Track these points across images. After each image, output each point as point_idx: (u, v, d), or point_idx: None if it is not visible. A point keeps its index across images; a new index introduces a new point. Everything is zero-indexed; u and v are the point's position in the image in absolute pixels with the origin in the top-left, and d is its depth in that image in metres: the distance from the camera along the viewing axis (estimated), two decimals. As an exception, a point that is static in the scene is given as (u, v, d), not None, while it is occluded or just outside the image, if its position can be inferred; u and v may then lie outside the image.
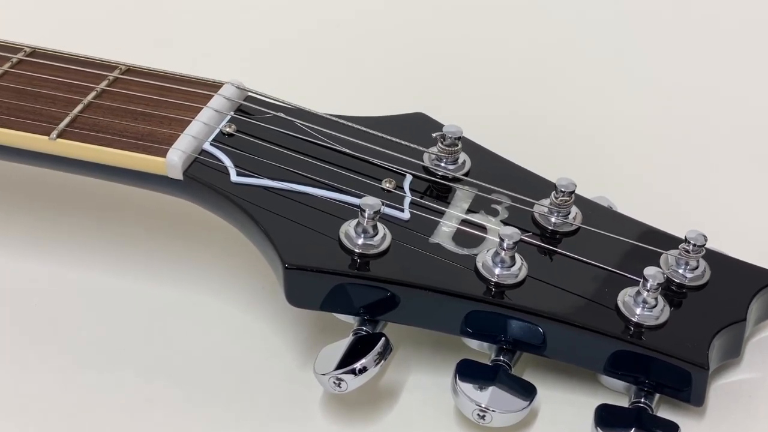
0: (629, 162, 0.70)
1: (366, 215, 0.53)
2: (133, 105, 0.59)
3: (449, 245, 0.55)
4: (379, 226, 0.54)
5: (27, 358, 0.58)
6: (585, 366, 0.54)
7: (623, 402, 0.53)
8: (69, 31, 0.81)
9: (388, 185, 0.57)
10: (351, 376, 0.51)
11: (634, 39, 0.82)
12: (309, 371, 0.53)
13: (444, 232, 0.56)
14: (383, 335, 0.53)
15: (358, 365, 0.52)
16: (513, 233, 0.53)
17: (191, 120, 0.58)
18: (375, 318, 0.54)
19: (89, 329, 0.59)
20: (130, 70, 0.62)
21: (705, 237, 0.54)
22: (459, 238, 0.55)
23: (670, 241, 0.56)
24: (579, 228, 0.56)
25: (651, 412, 0.52)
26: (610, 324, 0.52)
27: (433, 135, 0.59)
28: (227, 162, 0.57)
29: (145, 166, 0.57)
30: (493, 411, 0.51)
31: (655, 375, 0.52)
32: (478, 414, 0.51)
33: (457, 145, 0.58)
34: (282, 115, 0.60)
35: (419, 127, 0.60)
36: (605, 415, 0.52)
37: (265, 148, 0.58)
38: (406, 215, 0.56)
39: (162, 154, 0.56)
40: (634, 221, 0.58)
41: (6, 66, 0.62)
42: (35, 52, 0.63)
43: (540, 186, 0.58)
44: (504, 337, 0.54)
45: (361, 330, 0.54)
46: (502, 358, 0.53)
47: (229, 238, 0.61)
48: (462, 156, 0.59)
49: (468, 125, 0.60)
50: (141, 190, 0.59)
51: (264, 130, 0.59)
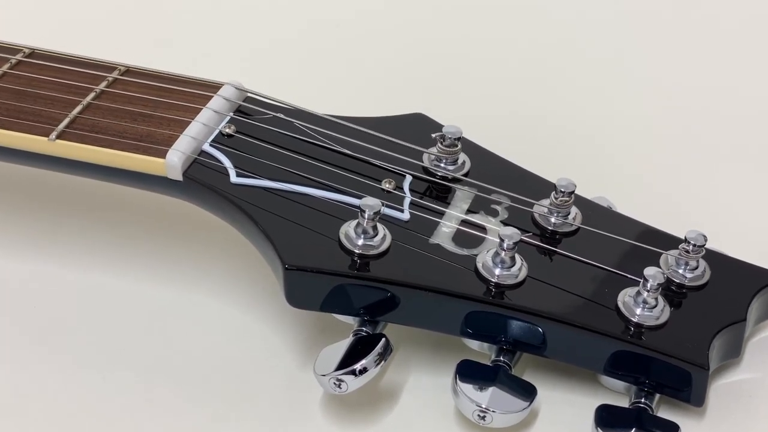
0: (629, 162, 0.70)
1: (366, 216, 0.53)
2: (133, 106, 0.59)
3: (449, 246, 0.55)
4: (379, 226, 0.54)
5: (27, 358, 0.58)
6: (585, 366, 0.54)
7: (623, 402, 0.53)
8: (68, 32, 0.81)
9: (387, 186, 0.57)
10: (351, 376, 0.51)
11: (634, 39, 0.82)
12: (309, 372, 0.53)
13: (444, 232, 0.56)
14: (383, 336, 0.53)
15: (358, 366, 0.51)
16: (513, 233, 0.53)
17: (190, 121, 0.58)
18: (375, 319, 0.54)
19: (89, 330, 0.59)
20: (129, 71, 0.62)
21: (705, 237, 0.54)
22: (459, 238, 0.55)
23: (669, 241, 0.56)
24: (579, 228, 0.56)
25: (651, 412, 0.52)
26: (610, 324, 0.52)
27: (433, 135, 0.59)
28: (227, 163, 0.57)
29: (145, 167, 0.57)
30: (494, 411, 0.51)
31: (655, 375, 0.52)
32: (478, 414, 0.51)
33: (457, 146, 0.58)
34: (281, 116, 0.60)
35: (419, 128, 0.60)
36: (605, 416, 0.52)
37: (265, 148, 0.58)
38: (405, 216, 0.56)
39: (161, 155, 0.56)
40: (633, 221, 0.58)
41: (5, 67, 0.61)
42: (34, 53, 0.63)
43: (540, 186, 0.58)
44: (504, 338, 0.54)
45: (361, 331, 0.53)
46: (502, 358, 0.53)
47: (229, 238, 0.60)
48: (461, 156, 0.59)
49: (467, 125, 0.60)
50: (140, 191, 0.59)
51: (263, 130, 0.59)
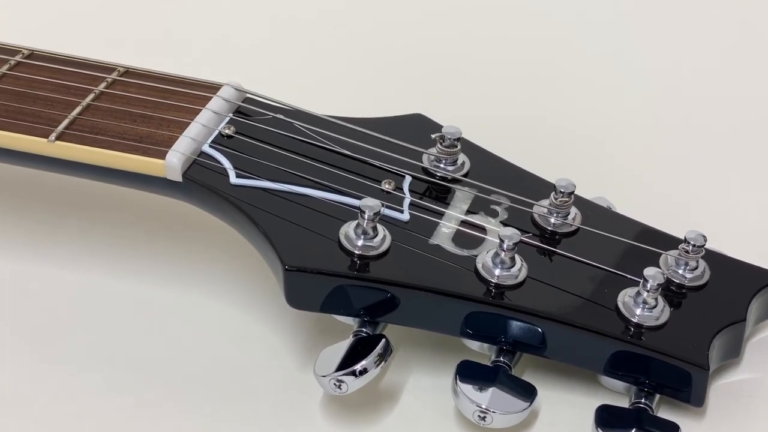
0: (629, 162, 0.70)
1: (366, 216, 0.53)
2: (132, 107, 0.59)
3: (449, 246, 0.55)
4: (379, 227, 0.54)
5: (26, 359, 0.58)
6: (585, 367, 0.54)
7: (623, 403, 0.53)
8: (67, 33, 0.81)
9: (387, 186, 0.57)
10: (351, 377, 0.51)
11: (633, 39, 0.82)
12: (309, 373, 0.53)
13: (444, 233, 0.56)
14: (383, 337, 0.53)
15: (358, 367, 0.51)
16: (513, 234, 0.53)
17: (190, 122, 0.58)
18: (375, 319, 0.54)
19: (88, 330, 0.59)
20: (128, 71, 0.62)
21: (704, 237, 0.54)
22: (459, 239, 0.55)
23: (669, 242, 0.56)
24: (578, 229, 0.56)
25: (651, 412, 0.52)
26: (610, 325, 0.52)
27: (432, 136, 0.59)
28: (226, 164, 0.57)
29: (144, 168, 0.57)
30: (494, 412, 0.51)
31: (656, 375, 0.52)
32: (478, 415, 0.51)
33: (456, 146, 0.58)
34: (281, 117, 0.60)
35: (418, 128, 0.60)
36: (605, 416, 0.52)
37: (264, 149, 0.58)
38: (405, 216, 0.56)
39: (161, 156, 0.56)
40: (633, 222, 0.58)
41: (4, 68, 0.61)
42: (33, 54, 0.63)
43: (539, 187, 0.58)
44: (504, 338, 0.54)
45: (361, 331, 0.53)
46: (502, 359, 0.53)
47: (229, 239, 0.60)
48: (461, 157, 0.59)
49: (467, 126, 0.60)
50: (140, 192, 0.59)
51: (263, 131, 0.59)
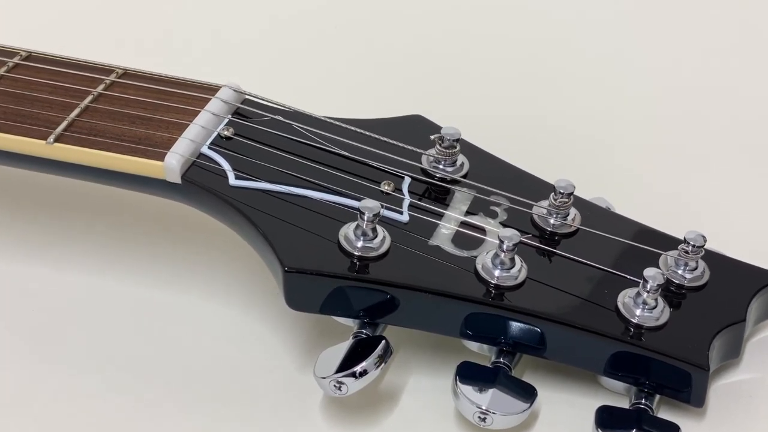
0: (629, 162, 0.70)
1: (365, 218, 0.53)
2: (131, 109, 0.59)
3: (448, 247, 0.55)
4: (379, 228, 0.54)
5: (26, 361, 0.58)
6: (585, 367, 0.54)
7: (623, 403, 0.53)
8: (65, 35, 0.81)
9: (386, 188, 0.57)
10: (351, 379, 0.51)
11: (633, 39, 0.82)
12: (309, 374, 0.53)
13: (443, 234, 0.56)
14: (383, 338, 0.53)
15: (358, 368, 0.51)
16: (512, 235, 0.53)
17: (189, 123, 0.58)
18: (375, 321, 0.54)
19: (88, 332, 0.59)
20: (126, 73, 0.61)
21: (704, 238, 0.54)
22: (458, 240, 0.55)
23: (669, 242, 0.56)
24: (578, 229, 0.56)
25: (651, 413, 0.52)
26: (610, 325, 0.52)
27: (432, 137, 0.59)
28: (225, 165, 0.57)
29: (143, 170, 0.56)
30: (494, 413, 0.51)
31: (656, 376, 0.52)
32: (478, 416, 0.51)
33: (456, 147, 0.58)
34: (280, 118, 0.60)
35: (417, 129, 0.60)
36: (606, 417, 0.52)
37: (264, 151, 0.58)
38: (405, 218, 0.56)
39: (160, 157, 0.56)
40: (632, 222, 0.58)
41: (2, 70, 0.61)
42: (31, 56, 0.63)
43: (538, 187, 0.58)
44: (504, 339, 0.53)
45: (361, 333, 0.53)
46: (502, 360, 0.53)
47: (228, 241, 0.60)
48: (460, 158, 0.59)
49: (466, 126, 0.60)
50: (139, 193, 0.59)
51: (262, 133, 0.59)
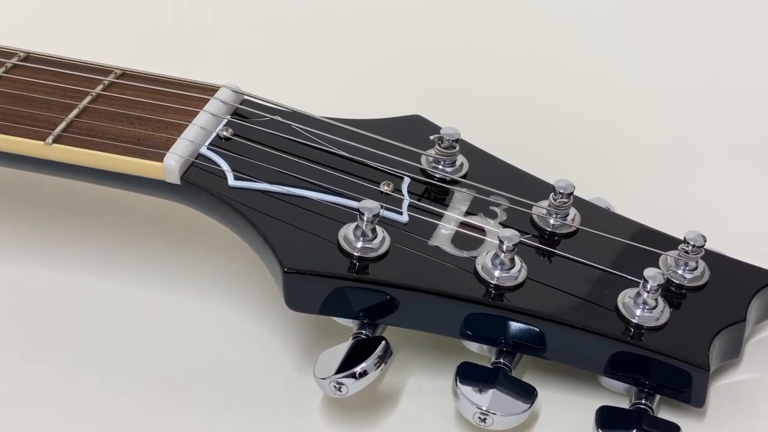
0: (629, 162, 0.70)
1: (365, 218, 0.53)
2: (129, 109, 0.59)
3: (448, 248, 0.55)
4: (378, 229, 0.54)
5: (25, 362, 0.58)
6: (585, 368, 0.54)
7: (624, 403, 0.53)
8: (63, 35, 0.81)
9: (386, 188, 0.57)
10: (351, 380, 0.51)
11: (633, 39, 0.82)
12: (309, 375, 0.53)
13: (443, 234, 0.55)
14: (383, 339, 0.53)
15: (358, 369, 0.51)
16: (512, 235, 0.53)
17: (188, 124, 0.58)
18: (374, 321, 0.54)
19: (87, 332, 0.59)
20: (125, 74, 0.61)
21: (704, 238, 0.54)
22: (458, 240, 0.55)
23: (669, 242, 0.56)
24: (578, 229, 0.56)
25: (652, 413, 0.52)
26: (610, 325, 0.52)
27: (431, 137, 0.58)
28: (224, 166, 0.57)
29: (142, 170, 0.56)
30: (494, 414, 0.51)
31: (656, 376, 0.52)
32: (479, 417, 0.51)
33: (455, 148, 0.58)
34: (278, 119, 0.60)
35: (416, 130, 0.60)
36: (606, 417, 0.51)
37: (263, 151, 0.58)
38: (404, 218, 0.56)
39: (159, 158, 0.56)
40: (632, 222, 0.58)
41: (0, 71, 0.61)
42: (29, 56, 0.63)
43: (538, 188, 0.58)
44: (504, 340, 0.53)
45: (361, 333, 0.53)
46: (502, 360, 0.53)
47: (227, 242, 0.60)
48: (460, 158, 0.59)
49: (465, 126, 0.59)
50: (138, 194, 0.59)
51: (261, 133, 0.59)
